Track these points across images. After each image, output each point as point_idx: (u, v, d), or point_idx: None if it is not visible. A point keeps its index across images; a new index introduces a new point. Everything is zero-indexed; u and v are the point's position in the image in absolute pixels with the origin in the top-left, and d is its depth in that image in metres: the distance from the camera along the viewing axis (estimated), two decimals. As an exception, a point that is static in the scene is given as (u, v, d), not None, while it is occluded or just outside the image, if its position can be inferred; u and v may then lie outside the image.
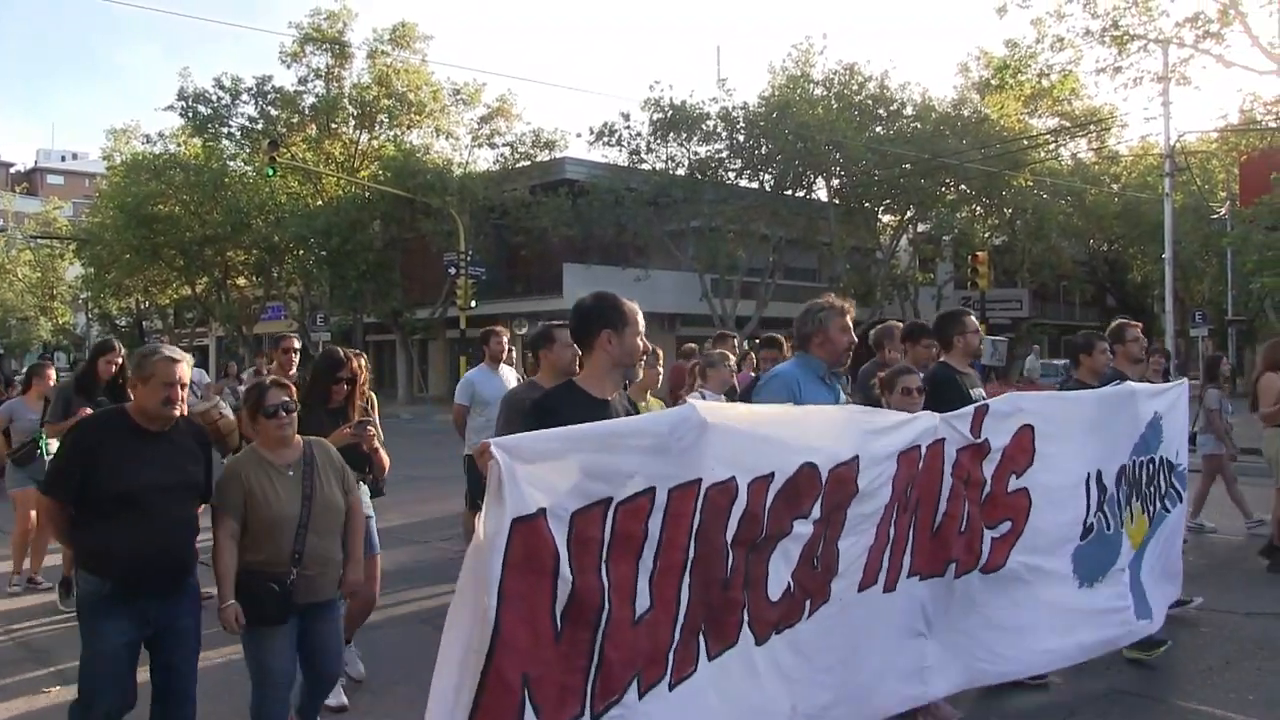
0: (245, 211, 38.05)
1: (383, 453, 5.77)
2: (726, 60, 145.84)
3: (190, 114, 38.68)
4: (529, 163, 37.09)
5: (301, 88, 38.73)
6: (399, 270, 37.88)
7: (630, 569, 3.38)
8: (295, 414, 4.76)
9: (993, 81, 37.17)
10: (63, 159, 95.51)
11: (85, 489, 4.27)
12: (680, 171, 34.57)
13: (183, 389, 4.37)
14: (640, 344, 4.02)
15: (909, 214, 37.66)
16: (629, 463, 3.39)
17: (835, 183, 36.31)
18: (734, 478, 3.67)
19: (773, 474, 3.83)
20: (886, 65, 52.35)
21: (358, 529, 5.00)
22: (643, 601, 3.41)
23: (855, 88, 35.52)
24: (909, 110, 36.42)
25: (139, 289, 47.20)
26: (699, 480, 3.55)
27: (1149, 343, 8.66)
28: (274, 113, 38.83)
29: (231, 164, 39.88)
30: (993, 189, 36.19)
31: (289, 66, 38.90)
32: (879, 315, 34.22)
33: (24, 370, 18.90)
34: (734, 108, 34.17)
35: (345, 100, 38.51)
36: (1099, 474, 5.61)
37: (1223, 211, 32.94)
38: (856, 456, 4.21)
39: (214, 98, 38.48)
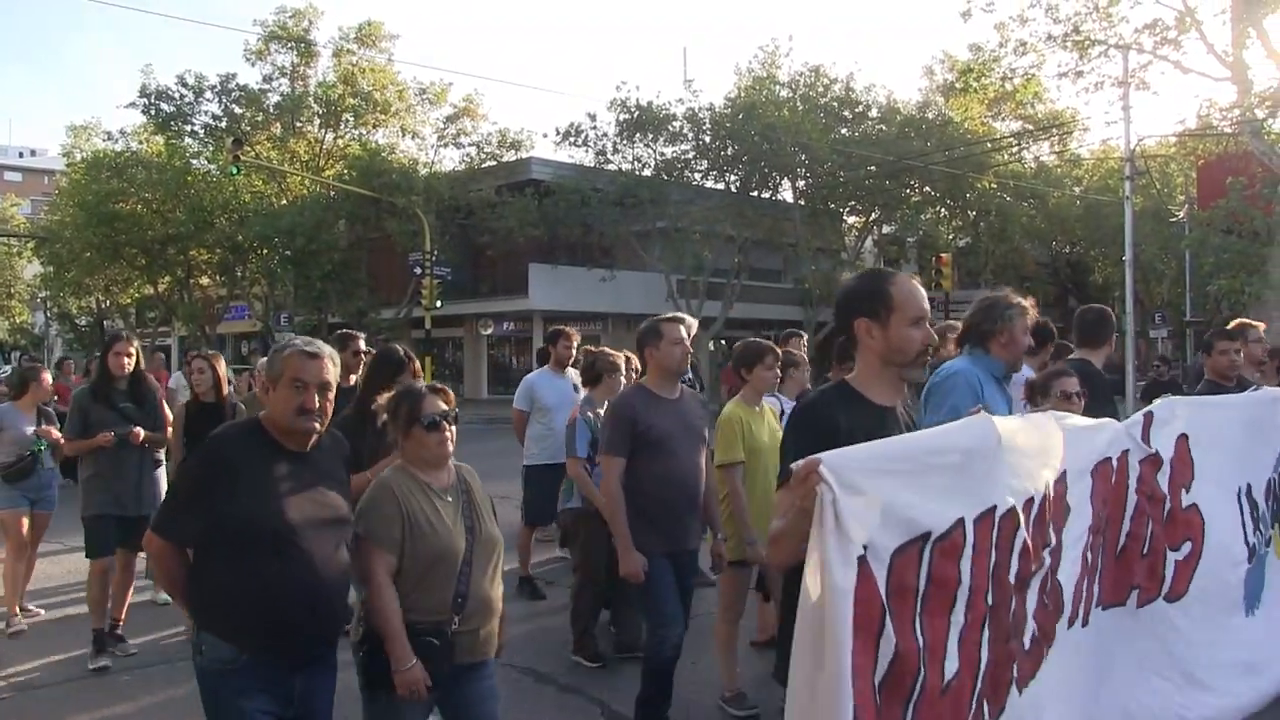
0: (209, 210, 37.68)
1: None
2: (693, 61, 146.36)
3: (153, 111, 38.31)
4: (495, 163, 37.03)
5: (266, 86, 38.51)
6: (364, 270, 37.68)
7: (944, 623, 2.77)
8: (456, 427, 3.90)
9: (957, 85, 37.51)
10: (20, 155, 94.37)
11: (211, 525, 3.31)
12: (646, 172, 34.62)
13: (325, 394, 3.44)
14: (916, 335, 3.18)
15: (874, 215, 37.91)
16: (942, 487, 2.80)
17: (801, 184, 36.45)
18: (1013, 504, 3.07)
19: (1033, 497, 3.22)
20: (852, 68, 52.77)
21: (499, 571, 4.13)
22: (951, 664, 2.80)
23: (821, 90, 35.72)
24: (874, 112, 36.68)
25: (99, 288, 46.62)
26: (994, 508, 2.95)
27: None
28: (238, 111, 38.54)
29: (195, 162, 39.44)
30: (957, 191, 36.50)
31: (253, 64, 38.72)
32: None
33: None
34: (700, 109, 34.30)
35: (310, 99, 38.30)
36: (1249, 488, 5.09)
37: (1181, 215, 33.38)
38: (1065, 471, 3.58)
39: (177, 95, 38.13)
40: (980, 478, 2.90)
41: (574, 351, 8.20)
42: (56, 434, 7.83)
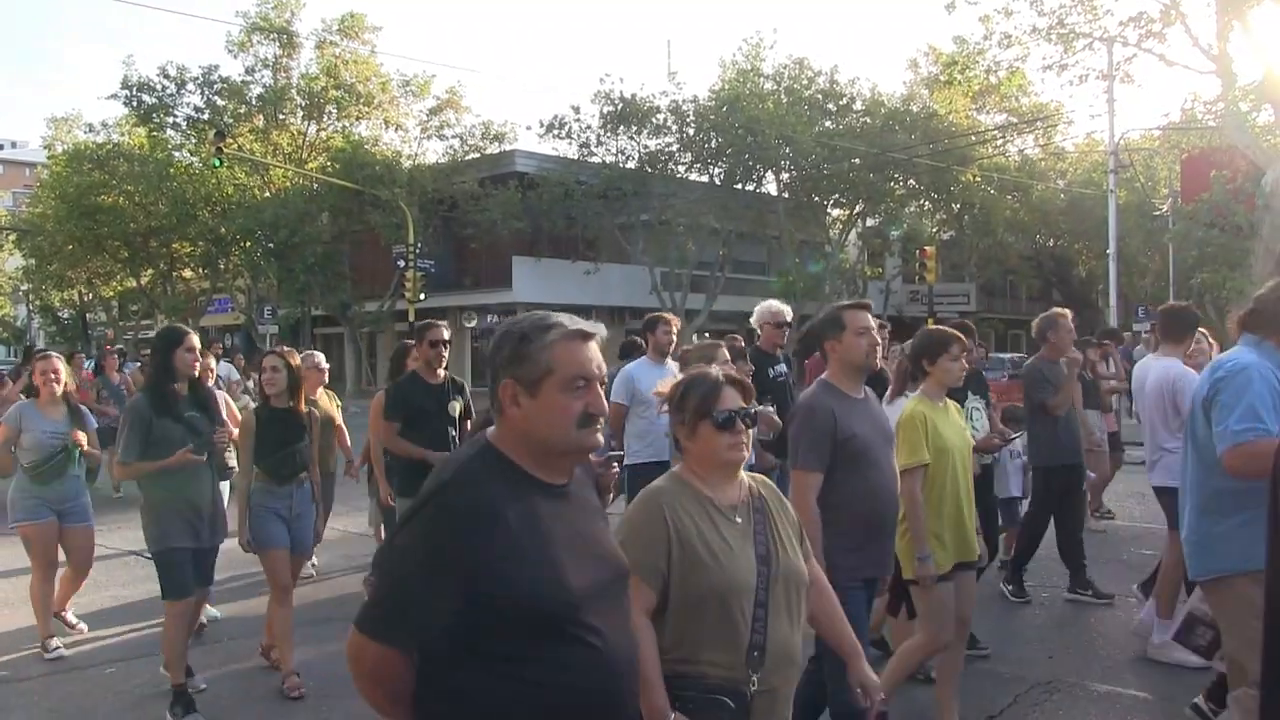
0: (191, 203, 37.56)
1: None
2: (677, 54, 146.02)
3: (134, 103, 38.11)
4: (478, 155, 36.95)
5: (248, 78, 38.34)
6: (347, 263, 37.63)
7: None
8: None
9: (941, 77, 37.46)
10: (1, 147, 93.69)
11: (470, 614, 2.16)
12: (630, 165, 34.59)
13: (601, 386, 2.40)
14: None
15: (858, 208, 37.92)
16: None
17: (785, 177, 36.47)
18: None
19: None
20: (836, 60, 52.69)
21: (835, 608, 3.27)
22: None
23: (805, 82, 35.71)
24: (858, 105, 36.67)
25: (82, 281, 46.51)
26: None
27: None
28: (220, 103, 38.35)
29: (177, 155, 39.36)
30: (941, 184, 36.56)
31: (236, 56, 38.58)
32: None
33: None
34: (684, 101, 34.27)
35: (293, 91, 38.19)
36: None
37: (1165, 208, 33.44)
38: None
39: (159, 87, 37.92)
40: None
41: (674, 338, 7.44)
42: (83, 438, 6.86)
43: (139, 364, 16.70)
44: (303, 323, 38.50)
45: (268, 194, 38.23)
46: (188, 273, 44.22)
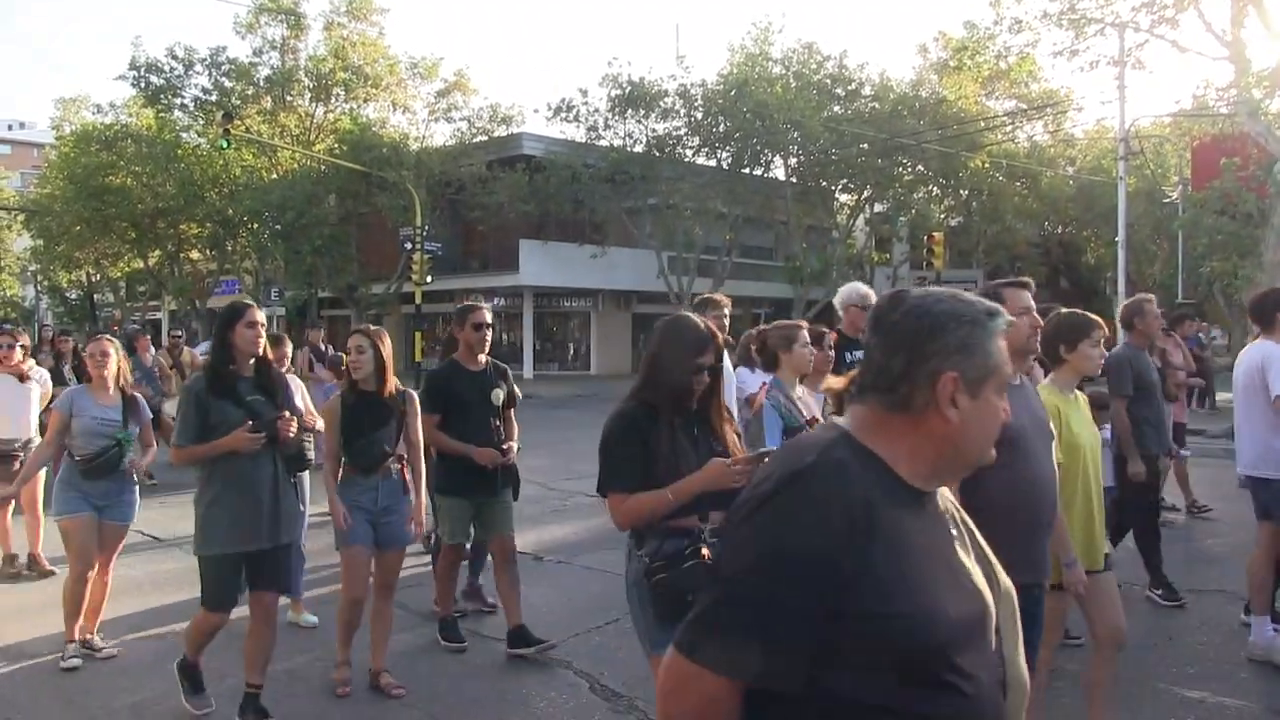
0: (199, 184, 37.64)
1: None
2: (685, 38, 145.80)
3: (142, 84, 38.11)
4: (486, 138, 36.90)
5: (256, 59, 38.33)
6: (354, 245, 37.61)
7: None
8: None
9: (951, 63, 37.34)
10: (9, 128, 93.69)
11: (824, 639, 1.66)
12: (638, 148, 34.53)
13: None
14: None
15: (866, 194, 37.83)
16: None
17: (793, 161, 36.38)
18: None
19: None
20: (845, 45, 52.50)
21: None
22: None
23: (814, 67, 35.59)
24: (867, 90, 36.52)
25: (90, 261, 46.63)
26: None
27: None
28: (228, 84, 38.35)
29: (185, 136, 39.38)
30: (949, 170, 36.42)
31: (243, 37, 38.57)
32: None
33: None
34: (692, 85, 34.20)
35: (301, 72, 38.13)
36: None
37: (1174, 196, 33.28)
38: None
39: (167, 68, 37.92)
40: None
41: (727, 323, 6.40)
42: (139, 429, 6.42)
43: (165, 346, 16.59)
44: (309, 304, 38.50)
45: (275, 176, 38.22)
46: (195, 254, 44.30)
